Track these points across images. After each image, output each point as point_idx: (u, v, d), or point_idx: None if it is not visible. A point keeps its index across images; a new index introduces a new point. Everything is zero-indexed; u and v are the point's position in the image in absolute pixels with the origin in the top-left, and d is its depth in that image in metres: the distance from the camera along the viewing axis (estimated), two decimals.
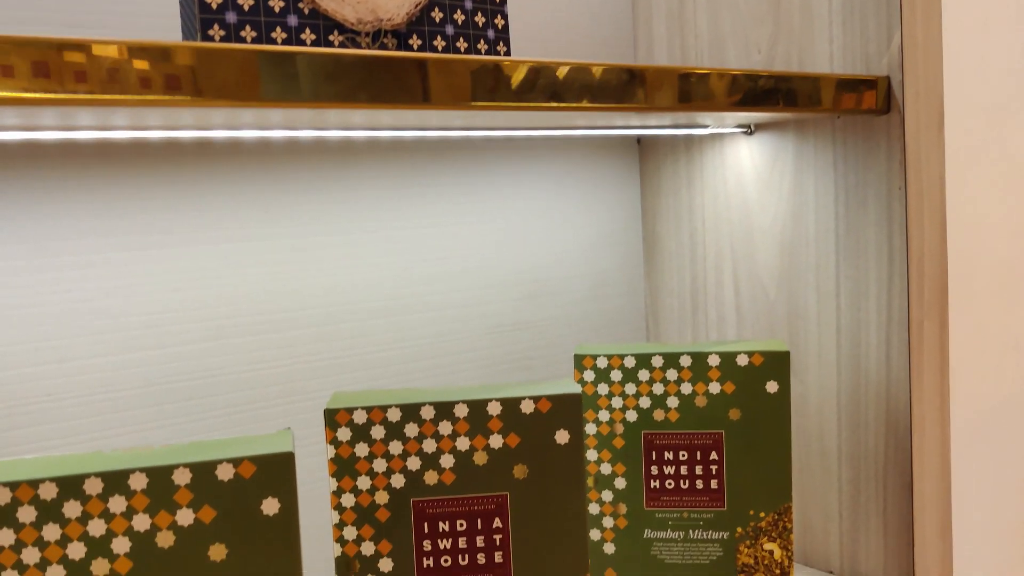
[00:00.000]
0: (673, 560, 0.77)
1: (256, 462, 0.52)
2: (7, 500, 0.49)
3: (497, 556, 0.63)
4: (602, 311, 0.98)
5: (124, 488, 0.51)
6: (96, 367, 0.71)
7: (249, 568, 0.52)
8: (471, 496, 0.63)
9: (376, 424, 0.62)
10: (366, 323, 0.83)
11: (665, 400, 0.76)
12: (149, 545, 0.51)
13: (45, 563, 0.50)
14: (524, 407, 0.63)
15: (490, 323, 0.91)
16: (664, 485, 0.76)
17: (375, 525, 0.63)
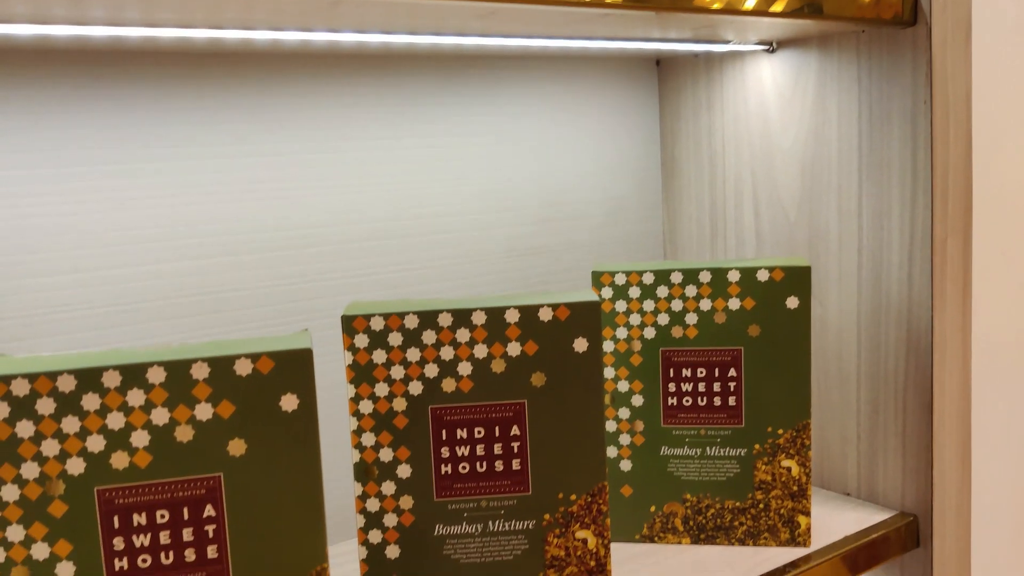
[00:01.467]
0: (690, 477, 0.77)
1: (274, 358, 0.52)
2: (26, 392, 0.49)
3: (515, 463, 0.63)
4: (619, 236, 0.97)
5: (142, 381, 0.50)
6: (111, 279, 0.70)
7: (269, 464, 0.52)
8: (489, 404, 0.63)
9: (393, 331, 0.62)
10: (382, 243, 0.83)
11: (684, 317, 0.75)
12: (168, 439, 0.51)
13: (65, 455, 0.50)
14: (542, 315, 0.62)
15: (506, 246, 0.90)
16: (681, 402, 0.76)
17: (393, 432, 0.63)
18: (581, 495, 0.63)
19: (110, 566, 0.51)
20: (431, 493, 0.63)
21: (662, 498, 0.77)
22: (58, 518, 0.50)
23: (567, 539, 0.64)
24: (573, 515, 0.64)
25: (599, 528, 0.64)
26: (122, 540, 0.51)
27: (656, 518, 0.78)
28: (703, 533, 0.77)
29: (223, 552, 0.52)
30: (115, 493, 0.51)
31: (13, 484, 0.49)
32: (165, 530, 0.51)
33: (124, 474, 0.51)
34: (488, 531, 0.64)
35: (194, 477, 0.51)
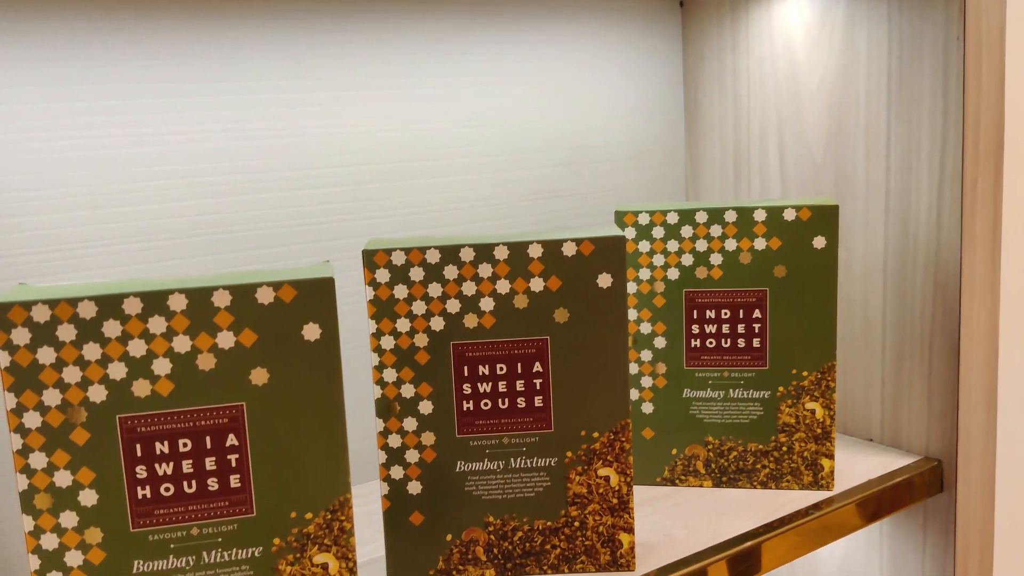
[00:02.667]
0: (712, 420, 0.76)
1: (296, 287, 0.51)
2: (46, 318, 0.49)
3: (537, 400, 0.62)
4: (642, 181, 0.96)
5: (163, 309, 0.50)
6: (130, 215, 0.70)
7: (291, 393, 0.52)
8: (511, 340, 0.62)
9: (415, 266, 0.61)
10: (401, 184, 0.82)
11: (708, 257, 0.74)
12: (190, 367, 0.51)
13: (86, 382, 0.50)
14: (566, 249, 0.61)
15: (527, 188, 0.89)
16: (705, 344, 0.75)
17: (415, 368, 0.62)
18: (604, 432, 0.63)
19: (133, 494, 0.51)
20: (453, 429, 0.63)
21: (684, 441, 0.77)
22: (80, 446, 0.50)
23: (589, 476, 0.63)
24: (595, 452, 0.63)
25: (622, 466, 0.63)
26: (144, 469, 0.51)
27: (677, 461, 0.77)
28: (725, 476, 0.77)
29: (246, 481, 0.52)
30: (137, 421, 0.50)
31: (35, 411, 0.49)
32: (188, 459, 0.51)
33: (146, 402, 0.50)
34: (510, 468, 0.63)
35: (217, 406, 0.51)
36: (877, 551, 0.86)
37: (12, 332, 0.48)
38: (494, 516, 0.64)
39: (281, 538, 0.53)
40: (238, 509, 0.52)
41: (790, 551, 0.71)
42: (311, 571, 0.53)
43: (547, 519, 0.64)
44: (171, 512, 0.51)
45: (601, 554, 0.64)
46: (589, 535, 0.64)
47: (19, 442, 0.49)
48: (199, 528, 0.52)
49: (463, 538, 0.64)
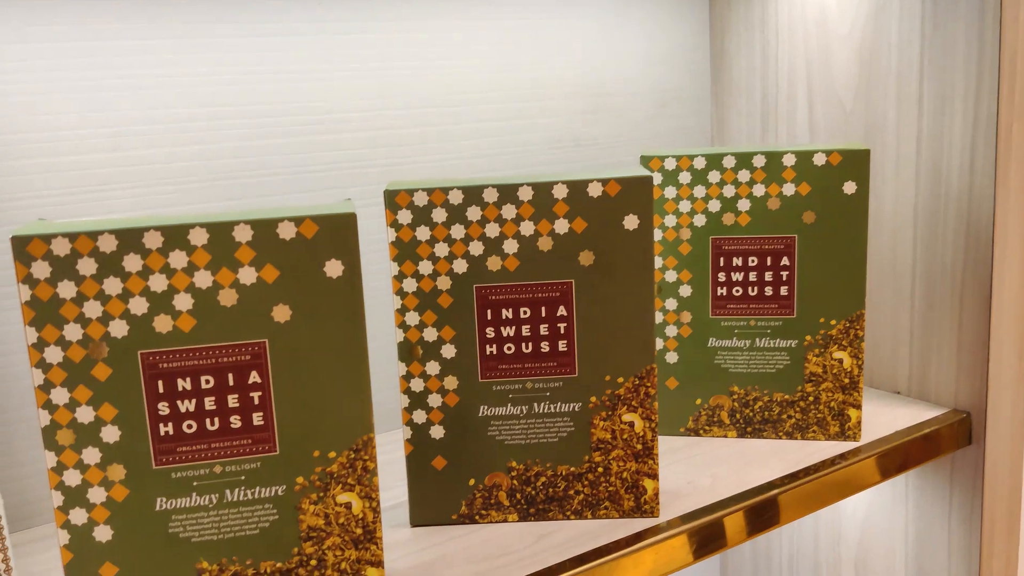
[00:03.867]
0: (738, 369, 0.75)
1: (318, 221, 0.50)
2: (66, 251, 0.48)
3: (561, 344, 0.61)
4: (666, 130, 0.94)
5: (184, 243, 0.49)
6: (149, 159, 0.69)
7: (313, 331, 0.51)
8: (535, 283, 0.61)
9: (437, 207, 0.60)
10: (423, 130, 0.80)
11: (736, 203, 0.73)
12: (212, 303, 0.50)
13: (107, 317, 0.49)
14: (592, 190, 0.60)
15: (550, 136, 0.87)
16: (731, 292, 0.74)
17: (437, 311, 0.61)
18: (628, 377, 0.62)
19: (155, 431, 0.50)
20: (476, 374, 0.62)
21: (708, 391, 0.76)
22: (102, 381, 0.49)
23: (613, 422, 0.62)
24: (620, 398, 0.62)
25: (647, 412, 0.62)
26: (167, 405, 0.50)
27: (702, 411, 0.76)
28: (750, 426, 0.76)
29: (269, 419, 0.51)
30: (159, 357, 0.50)
31: (56, 346, 0.49)
32: (210, 396, 0.51)
33: (168, 338, 0.50)
34: (533, 413, 0.62)
35: (239, 343, 0.50)
36: (903, 504, 0.85)
37: (32, 265, 0.48)
38: (517, 461, 0.63)
39: (304, 477, 0.52)
40: (261, 447, 0.52)
41: (816, 501, 0.70)
42: (334, 510, 0.53)
43: (570, 465, 0.63)
44: (194, 449, 0.51)
45: (625, 500, 0.63)
46: (613, 481, 0.63)
47: (41, 377, 0.49)
48: (222, 466, 0.51)
49: (486, 483, 0.63)
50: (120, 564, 0.51)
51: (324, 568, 0.53)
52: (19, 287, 0.48)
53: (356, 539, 0.54)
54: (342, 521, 0.53)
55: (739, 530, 0.65)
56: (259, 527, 0.52)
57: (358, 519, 0.53)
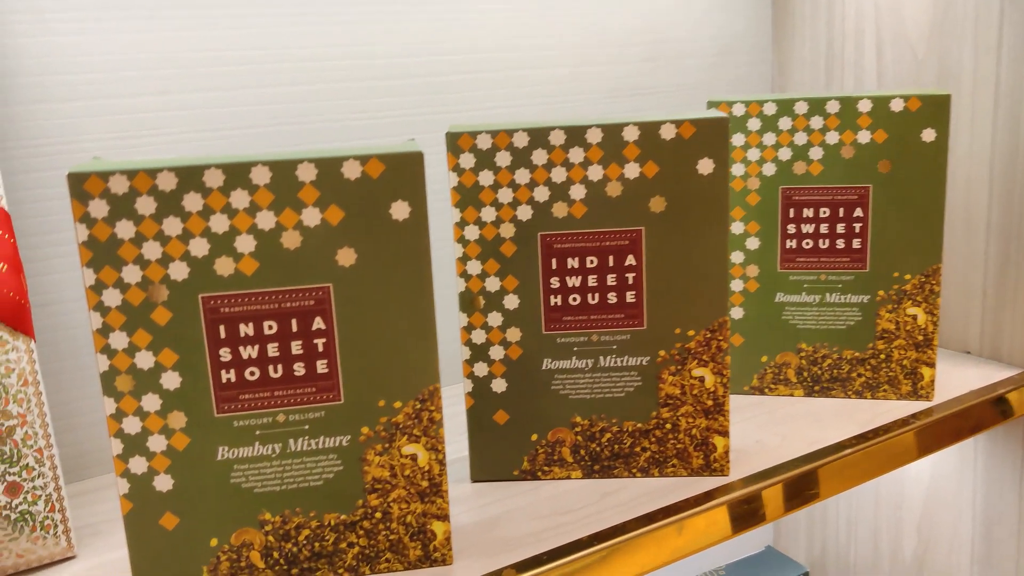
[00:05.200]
0: (806, 326, 0.72)
1: (384, 161, 0.48)
2: (124, 189, 0.46)
3: (629, 295, 0.59)
4: (725, 79, 0.91)
5: (246, 182, 0.47)
6: (196, 103, 0.67)
7: (379, 275, 0.49)
8: (603, 231, 0.58)
9: (501, 150, 0.57)
10: (478, 76, 0.78)
11: (807, 151, 0.69)
12: (274, 245, 0.48)
13: (167, 259, 0.47)
14: (664, 132, 0.57)
15: (607, 85, 0.84)
16: (801, 245, 0.71)
17: (500, 260, 0.59)
18: (700, 330, 0.59)
19: (217, 378, 0.49)
20: (539, 325, 0.60)
21: (775, 348, 0.73)
22: (162, 326, 0.48)
23: (683, 377, 0.60)
24: (690, 352, 0.60)
25: (718, 366, 0.60)
26: (229, 351, 0.48)
27: (767, 369, 0.74)
28: (817, 385, 0.73)
29: (333, 367, 0.49)
30: (220, 301, 0.48)
31: (114, 288, 0.47)
32: (273, 342, 0.49)
33: (229, 281, 0.48)
34: (599, 367, 0.60)
35: (303, 287, 0.48)
36: (971, 469, 0.82)
37: (89, 204, 0.46)
38: (582, 416, 0.61)
39: (369, 427, 0.50)
40: (325, 396, 0.50)
41: (889, 462, 0.67)
42: (399, 462, 0.51)
43: (637, 420, 0.61)
44: (256, 397, 0.49)
45: (693, 458, 0.61)
46: (681, 438, 0.61)
47: (99, 321, 0.47)
48: (285, 415, 0.50)
49: (549, 438, 0.61)
50: (181, 514, 0.50)
51: (389, 521, 0.52)
52: (76, 227, 0.46)
53: (422, 492, 0.52)
54: (407, 473, 0.51)
55: (811, 491, 0.63)
56: (323, 478, 0.51)
57: (424, 471, 0.52)
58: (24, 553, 0.54)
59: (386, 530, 0.52)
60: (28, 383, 0.54)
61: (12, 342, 0.54)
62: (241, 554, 0.51)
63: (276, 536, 0.51)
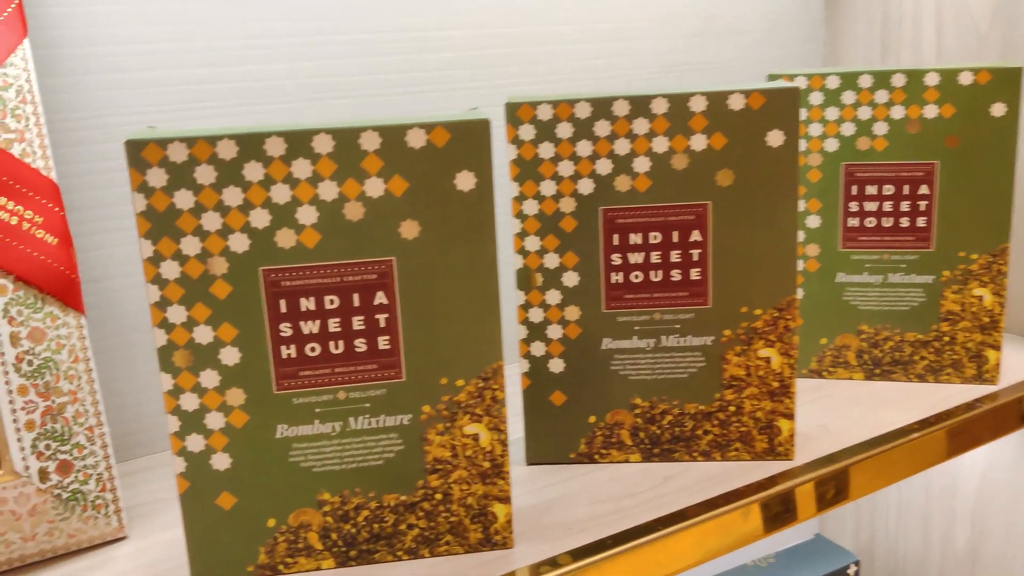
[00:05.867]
0: (868, 307, 0.70)
1: (450, 129, 0.46)
2: (183, 158, 0.44)
3: (694, 273, 0.57)
4: (776, 57, 0.88)
5: (308, 151, 0.45)
6: (245, 76, 0.65)
7: (443, 249, 0.47)
8: (667, 205, 0.56)
9: (563, 121, 0.55)
10: (529, 50, 0.76)
11: (872, 126, 0.67)
12: (337, 217, 0.46)
13: (227, 230, 0.45)
14: (733, 103, 0.55)
15: (658, 60, 0.82)
16: (863, 223, 0.68)
17: (560, 235, 0.57)
18: (767, 309, 0.57)
19: (277, 354, 0.47)
20: (599, 303, 0.58)
21: (835, 330, 0.71)
22: (221, 299, 0.46)
23: (748, 357, 0.58)
24: (756, 331, 0.58)
25: (785, 347, 0.58)
26: (289, 326, 0.47)
27: (827, 351, 0.71)
28: (878, 368, 0.71)
29: (395, 343, 0.48)
30: (281, 274, 0.46)
31: (173, 260, 0.45)
32: (334, 317, 0.47)
33: (291, 254, 0.46)
34: (661, 346, 0.58)
35: (365, 260, 0.47)
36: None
37: (147, 173, 0.44)
38: (642, 398, 0.59)
39: (431, 406, 0.49)
40: (387, 373, 0.48)
41: (955, 447, 0.65)
42: (461, 441, 0.49)
43: (700, 402, 0.59)
44: (317, 374, 0.47)
45: (757, 441, 0.59)
46: (745, 421, 0.59)
47: (156, 294, 0.46)
48: (346, 392, 0.48)
49: (607, 420, 0.59)
50: (238, 494, 0.48)
51: (449, 503, 0.50)
52: (133, 196, 0.45)
53: (483, 473, 0.50)
54: (469, 454, 0.50)
55: (879, 476, 0.61)
56: (383, 457, 0.49)
57: (486, 452, 0.50)
58: (75, 533, 0.53)
59: (446, 512, 0.50)
60: (79, 360, 0.53)
61: (63, 318, 0.53)
62: (299, 535, 0.49)
63: (335, 517, 0.49)
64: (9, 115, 0.52)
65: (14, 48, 0.53)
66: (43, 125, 0.53)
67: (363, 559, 0.50)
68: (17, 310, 0.51)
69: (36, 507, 0.51)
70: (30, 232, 0.52)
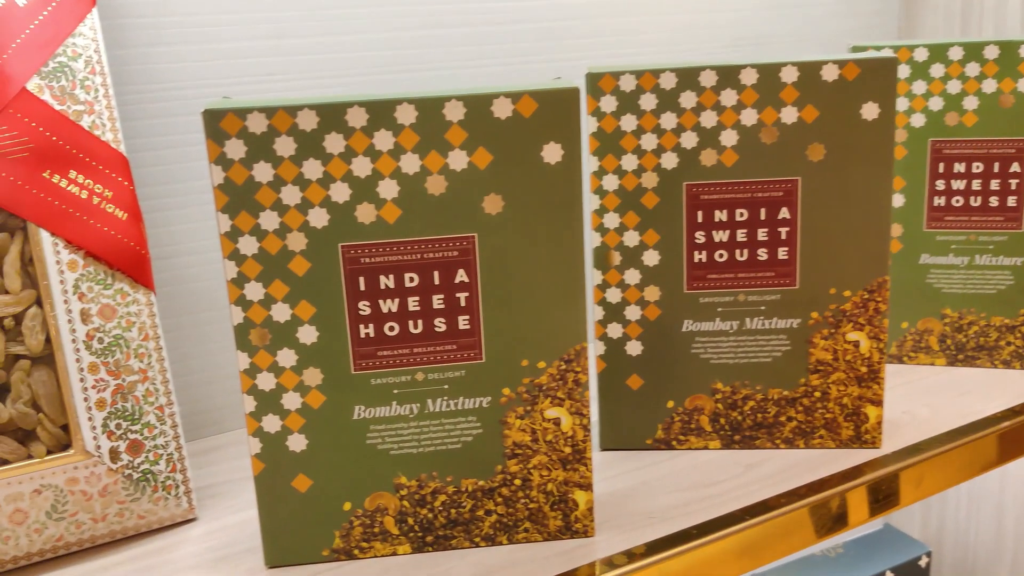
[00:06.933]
0: (952, 290, 0.67)
1: (538, 98, 0.44)
2: (263, 129, 0.43)
3: (781, 252, 0.54)
4: (850, 29, 0.85)
5: (391, 122, 0.43)
6: (312, 48, 0.63)
7: (527, 225, 0.45)
8: (755, 181, 0.54)
9: (647, 92, 0.53)
10: (594, 22, 0.73)
11: (961, 101, 0.64)
12: (419, 191, 0.44)
13: (306, 205, 0.44)
14: (826, 73, 0.52)
15: (730, 34, 0.79)
16: (950, 203, 0.65)
17: (641, 212, 0.55)
18: (857, 291, 0.55)
19: (355, 333, 0.45)
20: (681, 284, 0.56)
21: (917, 313, 0.68)
22: (300, 276, 0.45)
23: (836, 341, 0.55)
24: (845, 314, 0.55)
25: (875, 330, 0.55)
26: (368, 304, 0.45)
27: (908, 336, 0.69)
28: (961, 354, 0.68)
29: (476, 323, 0.46)
30: (361, 251, 0.45)
31: (251, 236, 0.44)
32: (414, 295, 0.45)
33: (371, 230, 0.44)
34: (745, 329, 0.56)
35: (446, 237, 0.45)
36: None
37: (226, 144, 0.43)
38: (723, 383, 0.57)
39: (511, 388, 0.47)
40: (467, 354, 0.46)
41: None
42: (542, 426, 0.48)
43: (784, 388, 0.56)
44: (395, 354, 0.46)
45: (843, 428, 0.57)
46: (831, 407, 0.57)
47: (234, 270, 0.44)
48: (424, 373, 0.46)
49: (686, 406, 0.57)
50: (314, 476, 0.47)
51: (529, 489, 0.48)
52: (211, 168, 0.43)
53: (564, 459, 0.48)
54: (550, 438, 0.48)
55: (970, 466, 0.58)
56: (461, 441, 0.47)
57: (567, 437, 0.48)
58: (145, 514, 0.52)
59: (525, 498, 0.49)
60: (148, 337, 0.52)
61: (132, 294, 0.51)
62: (375, 519, 0.48)
63: (411, 501, 0.48)
64: (79, 86, 0.51)
65: (82, 17, 0.52)
66: (112, 97, 0.52)
67: (439, 545, 0.49)
68: (88, 286, 0.50)
69: (107, 487, 0.50)
70: (100, 206, 0.51)
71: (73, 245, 0.49)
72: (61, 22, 0.51)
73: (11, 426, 0.48)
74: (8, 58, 0.49)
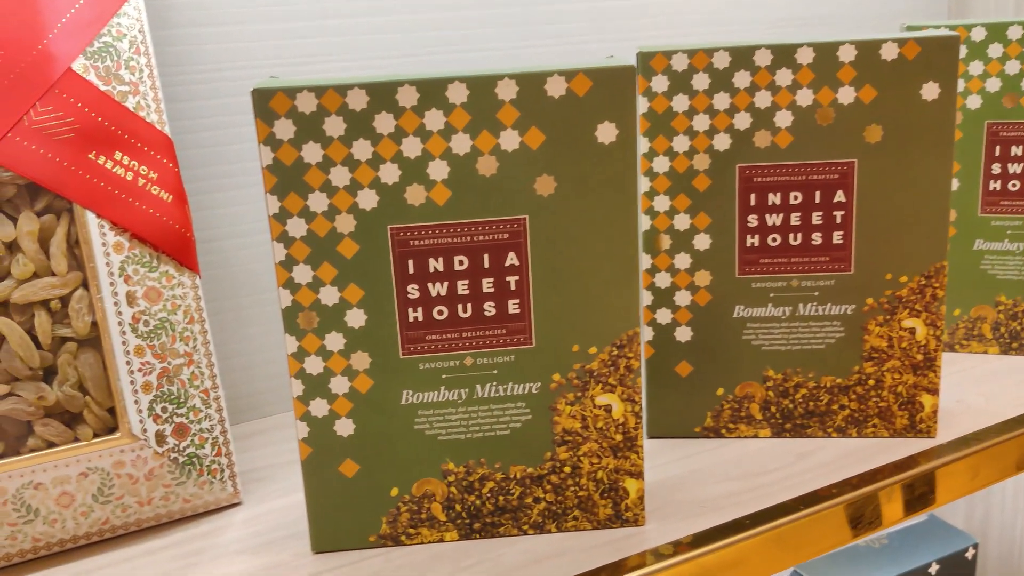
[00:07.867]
0: (1007, 277, 0.65)
1: (592, 76, 0.43)
2: (312, 108, 0.42)
3: (836, 236, 0.53)
4: (898, 10, 0.83)
5: (442, 101, 0.42)
6: (358, 28, 0.63)
7: (579, 207, 0.44)
8: (810, 163, 0.52)
9: (699, 72, 0.52)
10: (632, 3, 0.72)
11: (1020, 82, 0.62)
12: (469, 172, 0.43)
13: (356, 186, 0.43)
14: (885, 52, 0.50)
15: (776, 16, 0.77)
16: (1006, 187, 0.64)
17: (692, 195, 0.54)
18: (914, 276, 0.53)
19: (404, 317, 0.45)
20: (733, 268, 0.54)
21: (970, 300, 0.66)
22: (348, 259, 0.44)
23: (891, 328, 0.54)
24: (901, 300, 0.54)
25: (932, 317, 0.54)
26: (417, 288, 0.44)
27: (960, 323, 0.67)
28: (1016, 342, 0.66)
29: (526, 308, 0.45)
30: (410, 233, 0.44)
31: (299, 218, 0.43)
32: (463, 279, 0.44)
33: (420, 211, 0.44)
34: (797, 315, 0.54)
35: (497, 219, 0.44)
36: None
37: (275, 124, 0.42)
38: (775, 370, 0.55)
39: (561, 374, 0.46)
40: (516, 339, 0.45)
41: None
42: (592, 413, 0.47)
43: (837, 375, 0.55)
44: (444, 338, 0.45)
45: (897, 417, 0.55)
46: (885, 395, 0.55)
47: (282, 253, 0.44)
48: (473, 358, 0.45)
49: (736, 393, 0.56)
50: (361, 461, 0.46)
51: (578, 476, 0.48)
52: (260, 149, 0.42)
53: (615, 446, 0.47)
54: (600, 425, 0.47)
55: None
56: (510, 427, 0.47)
57: (618, 424, 0.47)
58: (190, 498, 0.52)
59: (575, 486, 0.48)
60: (194, 320, 0.51)
61: (178, 277, 0.51)
62: (422, 505, 0.47)
63: (459, 488, 0.47)
64: (123, 66, 0.50)
65: None
66: (156, 77, 0.51)
67: (487, 532, 0.48)
68: (133, 268, 0.49)
69: (153, 471, 0.50)
70: (145, 188, 0.50)
71: (119, 227, 0.49)
72: (105, 2, 0.50)
73: (58, 409, 0.48)
74: (53, 38, 0.48)
